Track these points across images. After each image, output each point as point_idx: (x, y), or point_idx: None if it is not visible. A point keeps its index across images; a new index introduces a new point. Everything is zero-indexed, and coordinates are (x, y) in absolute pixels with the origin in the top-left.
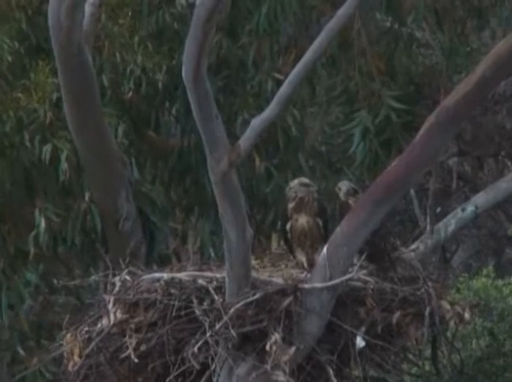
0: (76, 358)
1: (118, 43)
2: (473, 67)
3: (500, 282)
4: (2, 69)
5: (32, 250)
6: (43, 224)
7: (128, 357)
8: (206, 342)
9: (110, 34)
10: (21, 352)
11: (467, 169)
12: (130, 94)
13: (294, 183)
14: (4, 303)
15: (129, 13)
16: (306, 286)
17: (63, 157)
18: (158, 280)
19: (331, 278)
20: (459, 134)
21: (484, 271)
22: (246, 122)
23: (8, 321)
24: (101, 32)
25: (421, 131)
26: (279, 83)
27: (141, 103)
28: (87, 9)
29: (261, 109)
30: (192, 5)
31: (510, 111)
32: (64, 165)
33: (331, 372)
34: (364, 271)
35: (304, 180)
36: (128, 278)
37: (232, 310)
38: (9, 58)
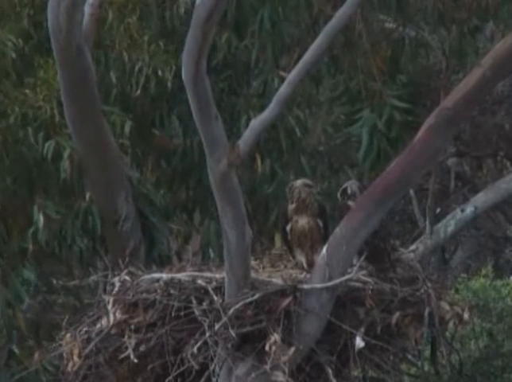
0: (76, 358)
1: (125, 42)
2: (471, 67)
3: (499, 282)
4: (6, 66)
5: (30, 247)
6: (41, 221)
7: (127, 358)
8: (205, 342)
9: (117, 33)
10: (16, 351)
11: (466, 169)
12: (138, 92)
13: (298, 183)
14: (1, 301)
15: (137, 12)
16: (305, 286)
17: (65, 154)
18: (157, 280)
19: (330, 279)
20: (457, 135)
21: (483, 272)
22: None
23: (6, 319)
24: (107, 31)
25: (421, 132)
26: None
27: (146, 102)
28: (87, 9)
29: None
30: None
31: (509, 112)
32: (66, 163)
33: (330, 372)
34: (363, 272)
35: (307, 181)
36: (127, 278)
37: (231, 311)
38: (13, 55)
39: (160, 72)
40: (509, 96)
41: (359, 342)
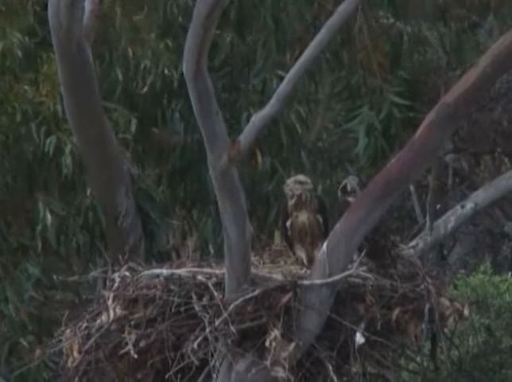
0: (75, 354)
1: (130, 39)
2: (472, 63)
3: (497, 278)
4: (13, 64)
5: (39, 244)
6: (49, 219)
7: (127, 353)
8: (205, 338)
9: (122, 29)
10: (25, 344)
11: (464, 165)
12: (145, 89)
13: (290, 181)
14: (10, 295)
15: (145, 9)
16: (305, 282)
17: (66, 150)
18: (158, 276)
19: (330, 275)
20: (455, 131)
21: (481, 268)
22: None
23: (11, 314)
24: (112, 27)
25: (421, 128)
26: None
27: (148, 99)
28: (87, 5)
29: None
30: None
31: (506, 108)
32: (68, 159)
33: (330, 368)
34: (363, 268)
35: (300, 177)
36: (127, 274)
37: (232, 306)
38: (20, 53)
39: (166, 71)
40: (506, 93)
41: (359, 338)
